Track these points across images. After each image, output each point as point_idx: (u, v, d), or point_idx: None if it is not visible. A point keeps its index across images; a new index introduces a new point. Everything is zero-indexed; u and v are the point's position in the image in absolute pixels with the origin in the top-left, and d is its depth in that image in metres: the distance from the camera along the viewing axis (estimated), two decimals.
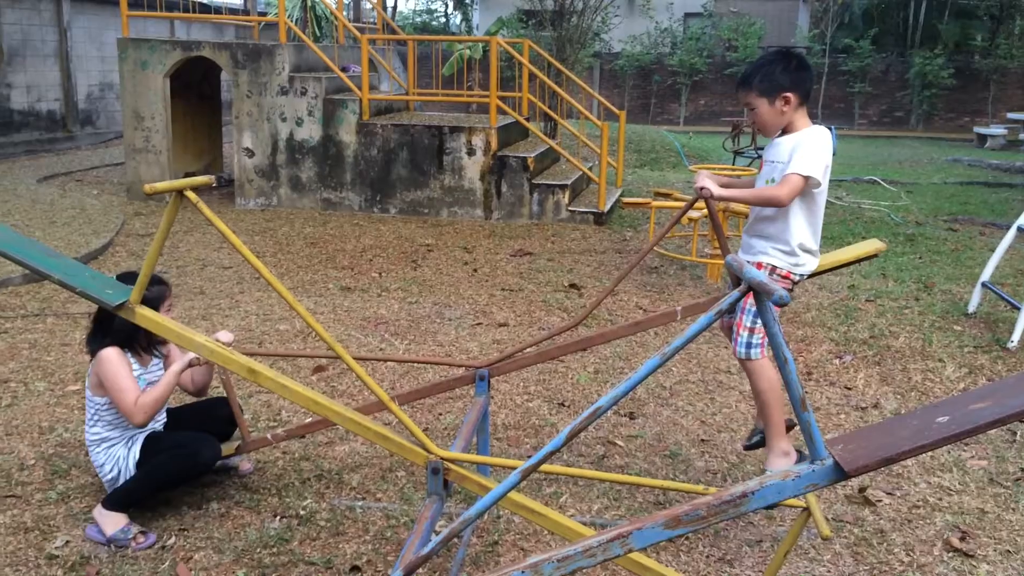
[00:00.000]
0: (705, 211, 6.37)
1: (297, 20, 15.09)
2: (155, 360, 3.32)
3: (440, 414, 4.21)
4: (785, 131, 3.06)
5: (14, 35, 12.98)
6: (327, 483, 3.50)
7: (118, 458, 3.18)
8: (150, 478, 3.12)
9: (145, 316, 2.58)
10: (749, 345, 3.01)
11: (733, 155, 11.92)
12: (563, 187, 8.88)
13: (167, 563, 2.94)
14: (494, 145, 8.94)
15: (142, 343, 3.19)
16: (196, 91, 10.88)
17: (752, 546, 3.12)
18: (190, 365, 3.13)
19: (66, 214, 8.56)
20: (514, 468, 2.75)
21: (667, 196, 7.02)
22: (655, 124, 22.93)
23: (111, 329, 3.11)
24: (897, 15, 25.66)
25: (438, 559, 2.96)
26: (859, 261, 3.34)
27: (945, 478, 3.64)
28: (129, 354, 3.18)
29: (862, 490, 3.49)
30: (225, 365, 2.60)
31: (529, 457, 3.77)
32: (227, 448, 3.35)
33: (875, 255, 3.34)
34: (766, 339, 2.99)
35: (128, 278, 3.14)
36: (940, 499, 3.47)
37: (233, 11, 18.45)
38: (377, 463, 3.68)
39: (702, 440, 3.99)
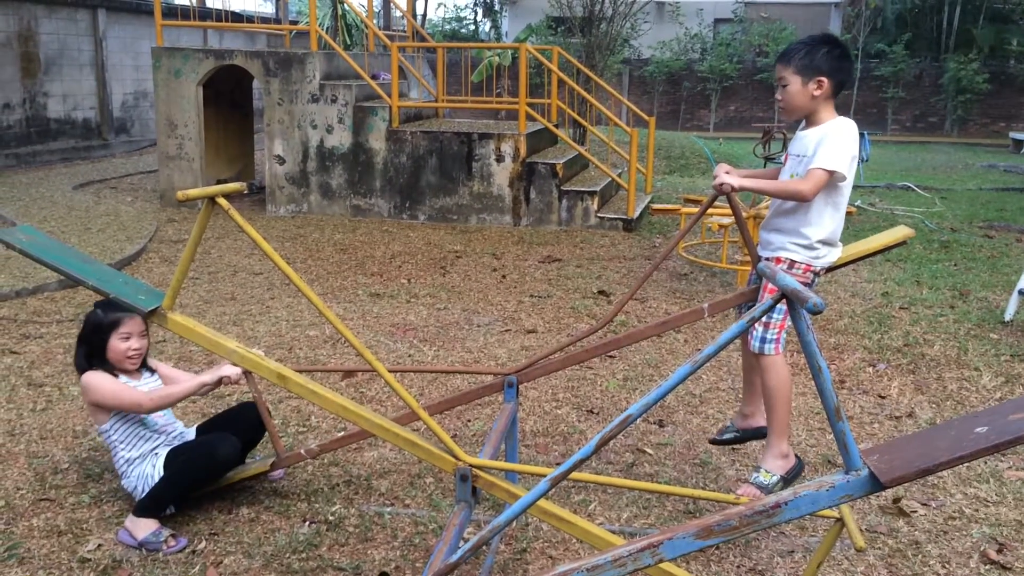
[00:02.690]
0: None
1: (328, 28, 15.21)
2: (146, 374, 3.36)
3: (468, 420, 4.21)
4: (810, 122, 3.03)
5: (51, 45, 13.20)
6: (356, 489, 3.51)
7: (146, 476, 3.22)
8: (172, 482, 3.14)
9: (178, 322, 2.60)
10: (764, 340, 2.97)
11: (764, 161, 11.83)
12: (592, 194, 8.86)
13: (197, 567, 2.95)
14: (523, 152, 8.94)
15: (104, 368, 3.20)
16: (228, 99, 11.00)
17: (784, 556, 3.08)
18: (219, 383, 3.15)
19: (101, 220, 8.68)
20: (542, 475, 2.73)
21: (697, 203, 6.97)
22: (685, 130, 22.83)
23: (78, 359, 3.22)
24: (931, 19, 25.35)
25: (466, 566, 2.95)
26: (887, 249, 3.27)
27: (982, 489, 3.57)
28: (116, 371, 3.23)
29: (896, 501, 3.43)
30: (255, 371, 2.62)
31: (557, 465, 3.75)
32: (262, 466, 3.36)
33: (903, 242, 3.26)
34: (781, 335, 2.96)
35: (104, 305, 3.18)
36: (976, 510, 3.41)
37: (265, 20, 18.63)
38: (406, 469, 3.68)
39: (733, 448, 3.95)
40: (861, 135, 11.97)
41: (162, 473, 3.19)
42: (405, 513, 3.32)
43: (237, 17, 13.86)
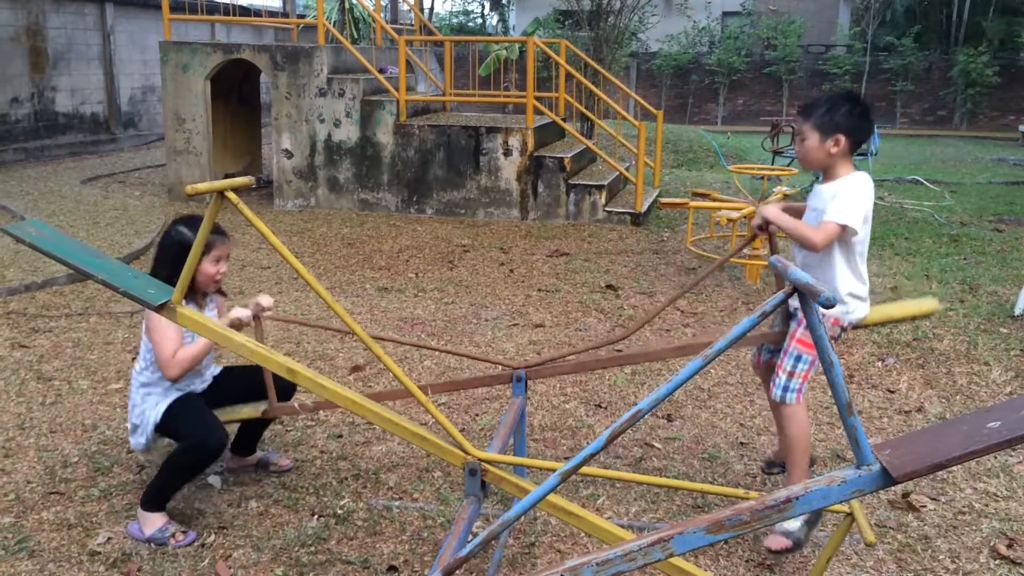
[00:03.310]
0: (745, 211, 6.30)
1: (335, 22, 15.20)
2: (211, 303, 3.29)
3: (476, 415, 4.21)
4: (827, 177, 3.06)
5: (59, 39, 13.23)
6: (364, 483, 3.51)
7: (146, 408, 3.16)
8: (168, 473, 3.11)
9: (187, 316, 2.60)
10: (787, 389, 2.97)
11: (772, 155, 11.80)
12: (600, 187, 8.84)
13: (206, 561, 2.96)
14: (531, 145, 8.93)
15: (191, 290, 3.09)
16: (236, 93, 11.01)
17: (793, 551, 3.07)
18: (231, 325, 3.11)
19: (109, 215, 8.70)
20: (551, 470, 2.73)
21: (705, 196, 6.95)
22: (692, 124, 22.77)
23: (158, 276, 3.04)
24: (940, 12, 25.22)
25: (475, 560, 2.95)
26: (912, 319, 3.28)
27: (992, 483, 3.56)
28: (185, 300, 3.05)
29: (906, 495, 3.42)
30: (263, 364, 2.62)
31: (566, 459, 3.75)
32: (252, 411, 3.30)
33: (929, 314, 3.27)
34: (804, 384, 2.97)
35: (188, 221, 3.15)
36: (987, 505, 3.40)
37: (272, 14, 18.64)
38: (414, 463, 3.68)
39: (741, 443, 3.94)
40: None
41: (158, 419, 3.13)
42: (413, 507, 3.32)
43: (244, 11, 13.88)
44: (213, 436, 3.08)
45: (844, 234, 2.91)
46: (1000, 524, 3.25)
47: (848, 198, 2.90)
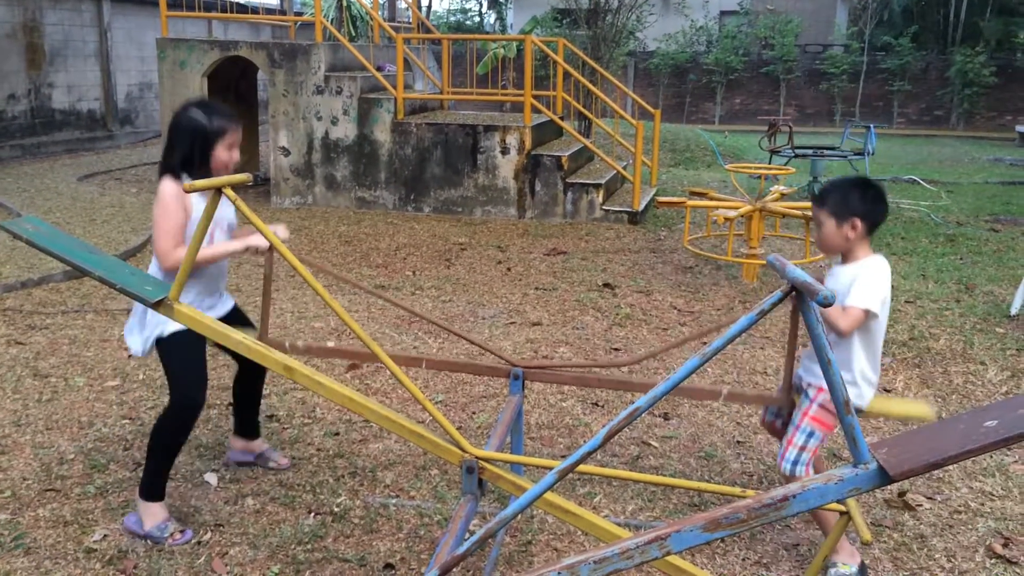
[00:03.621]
0: (742, 210, 6.31)
1: (333, 20, 15.19)
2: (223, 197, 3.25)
3: (473, 413, 4.21)
4: (845, 259, 3.08)
5: (55, 36, 13.20)
6: (361, 480, 3.51)
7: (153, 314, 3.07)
8: (156, 446, 3.08)
9: (184, 313, 2.59)
10: (796, 462, 2.97)
11: (770, 154, 11.81)
12: (597, 186, 8.84)
13: (203, 558, 2.96)
14: (528, 144, 8.92)
15: (202, 173, 3.05)
16: (233, 90, 10.99)
17: (789, 550, 3.08)
18: (246, 251, 3.09)
19: (105, 212, 8.69)
20: (549, 468, 2.73)
21: (702, 195, 6.96)
22: (690, 123, 22.78)
23: (170, 159, 3.04)
24: (937, 12, 25.24)
25: (471, 558, 2.95)
26: (904, 419, 3.28)
27: (987, 483, 3.57)
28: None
29: (902, 494, 3.43)
30: (261, 362, 2.61)
31: (563, 457, 3.75)
32: (244, 336, 3.26)
33: (922, 420, 3.29)
34: (812, 458, 2.97)
35: (201, 105, 3.13)
36: (982, 504, 3.41)
37: (270, 11, 18.62)
38: (411, 461, 3.68)
39: (738, 442, 3.95)
40: (867, 128, 11.95)
41: (163, 336, 3.06)
42: (410, 505, 3.33)
43: (242, 8, 13.85)
44: (197, 394, 3.06)
45: (866, 319, 2.94)
46: (996, 523, 3.26)
47: (870, 283, 2.92)
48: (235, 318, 3.42)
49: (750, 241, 6.62)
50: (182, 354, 3.09)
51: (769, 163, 11.26)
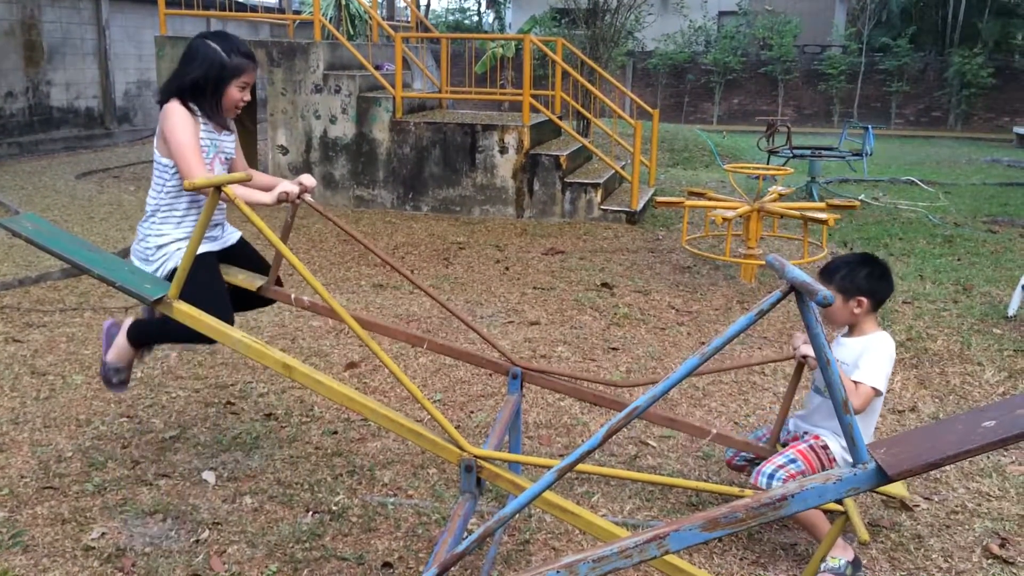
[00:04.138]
0: (740, 210, 6.31)
1: (331, 18, 15.17)
2: (227, 132, 3.19)
3: (471, 412, 4.21)
4: (851, 331, 3.15)
5: (54, 33, 13.18)
6: (359, 479, 3.51)
7: (161, 235, 3.04)
8: (166, 331, 3.04)
9: (183, 311, 2.60)
10: (772, 476, 2.99)
11: (768, 155, 11.82)
12: (595, 186, 8.85)
13: (201, 556, 2.96)
14: (527, 143, 8.93)
15: (211, 105, 3.00)
16: None
17: (787, 550, 3.09)
18: (278, 202, 3.02)
19: (103, 210, 8.68)
20: (547, 467, 2.74)
21: (700, 195, 6.96)
22: (688, 123, 22.79)
23: (179, 83, 2.96)
24: (936, 13, 25.27)
25: (469, 557, 2.95)
26: (885, 495, 3.31)
27: (984, 483, 3.57)
28: (200, 115, 3.00)
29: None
30: (260, 360, 2.61)
31: (561, 456, 3.76)
32: (249, 281, 3.25)
33: (896, 499, 3.32)
34: (786, 480, 2.99)
35: (217, 36, 3.05)
36: (979, 505, 3.41)
37: (268, 9, 18.60)
38: (409, 460, 3.68)
39: None
40: (865, 128, 11.95)
41: (171, 267, 3.00)
42: (408, 504, 3.33)
43: (240, 6, 13.84)
44: (224, 315, 2.92)
45: (875, 396, 3.01)
46: (993, 524, 3.27)
47: (879, 362, 2.99)
48: (241, 252, 3.36)
49: (748, 241, 6.62)
50: (198, 282, 2.93)
51: (767, 163, 11.28)
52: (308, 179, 3.20)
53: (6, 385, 4.34)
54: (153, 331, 3.10)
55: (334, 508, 3.28)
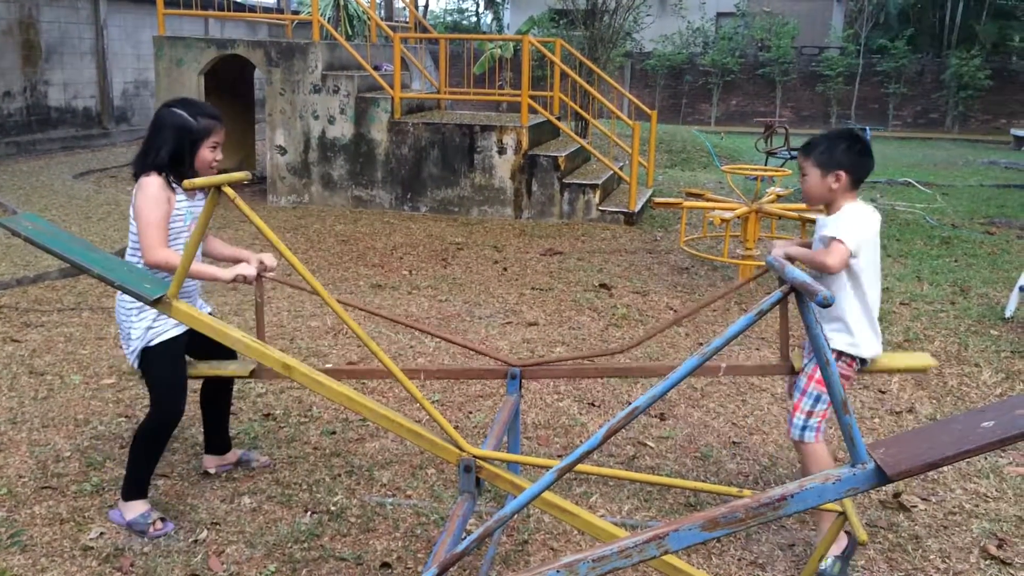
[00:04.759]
0: (738, 211, 6.32)
1: (330, 19, 15.17)
2: (200, 195, 3.22)
3: (470, 412, 4.21)
4: (830, 210, 3.10)
5: (52, 33, 13.17)
6: (357, 479, 3.51)
7: (132, 318, 3.08)
8: (137, 451, 3.09)
9: (182, 311, 2.59)
10: (805, 428, 2.98)
11: (766, 156, 11.83)
12: (594, 187, 8.85)
13: (199, 556, 2.96)
14: (525, 144, 8.93)
15: (180, 178, 3.02)
16: (230, 89, 10.98)
17: (785, 550, 3.09)
18: (235, 279, 3.07)
19: (101, 210, 8.67)
20: (546, 467, 2.74)
21: (698, 196, 6.97)
22: (686, 124, 22.81)
23: (155, 156, 3.00)
24: (933, 15, 25.31)
25: (468, 557, 2.96)
26: (908, 371, 3.30)
27: (982, 484, 3.58)
28: (176, 186, 3.05)
29: (897, 495, 3.44)
30: (259, 360, 2.61)
31: (559, 457, 3.76)
32: (241, 369, 3.25)
33: (925, 370, 3.29)
34: (823, 423, 2.98)
35: (183, 104, 3.10)
36: (977, 505, 3.42)
37: (267, 10, 18.60)
38: (407, 460, 3.69)
39: (733, 442, 3.96)
40: (863, 129, 11.96)
41: (149, 345, 3.05)
42: (407, 504, 3.33)
43: (239, 6, 13.83)
44: (176, 405, 3.08)
45: (850, 256, 2.91)
46: (990, 524, 3.27)
47: (848, 220, 2.94)
48: None
49: (746, 242, 6.63)
50: (164, 364, 3.10)
51: (765, 164, 11.28)
52: (269, 259, 3.22)
53: (4, 385, 4.33)
54: (131, 477, 3.12)
55: (332, 508, 3.28)
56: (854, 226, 2.92)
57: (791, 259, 3.07)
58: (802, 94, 24.46)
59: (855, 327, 3.00)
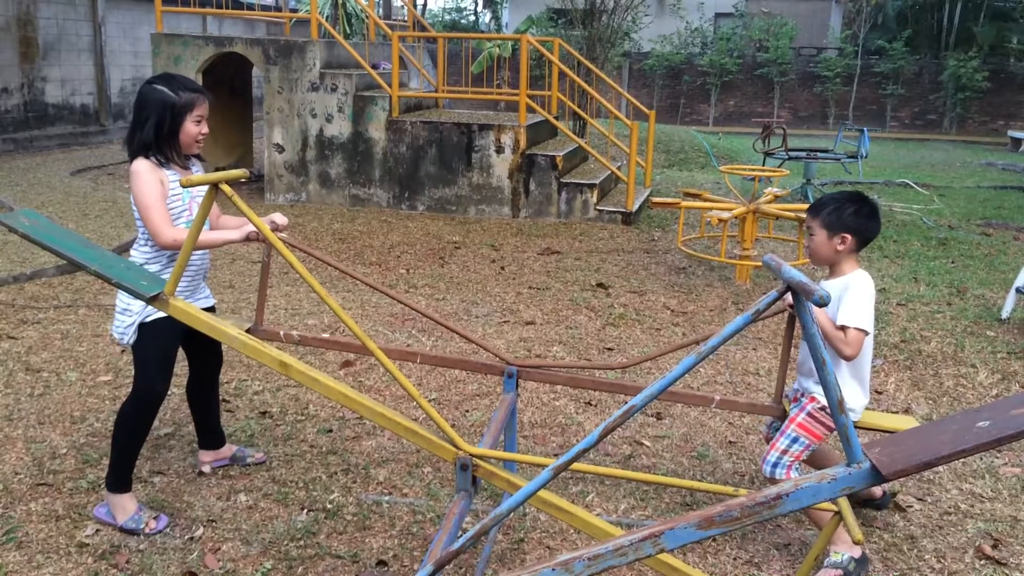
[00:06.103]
0: (735, 211, 6.33)
1: (328, 17, 15.18)
2: (193, 165, 3.22)
3: (467, 411, 4.22)
4: (832, 272, 3.12)
5: (50, 30, 13.15)
6: (354, 477, 3.52)
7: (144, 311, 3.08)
8: (121, 438, 3.08)
9: (179, 308, 2.59)
10: (776, 464, 3.01)
11: (763, 156, 11.84)
12: (591, 186, 8.86)
13: (195, 554, 2.96)
14: (523, 143, 8.93)
15: (168, 153, 3.04)
16: (228, 87, 10.97)
17: (780, 549, 3.10)
18: (246, 239, 3.09)
19: (98, 207, 8.66)
20: (542, 466, 2.74)
21: (696, 196, 6.98)
22: (684, 124, 22.81)
23: (141, 132, 3.00)
24: (931, 17, 25.32)
25: (463, 556, 2.96)
26: (889, 432, 3.32)
27: (977, 484, 3.59)
28: (166, 166, 3.04)
29: (892, 495, 3.44)
30: (255, 357, 2.61)
31: (556, 455, 3.76)
32: (238, 327, 3.27)
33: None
34: (795, 464, 2.99)
35: (165, 79, 3.09)
36: (972, 506, 3.43)
37: (265, 7, 18.58)
38: (404, 458, 3.69)
39: (730, 442, 3.96)
40: (860, 131, 11.98)
41: (145, 320, 3.06)
42: (403, 502, 3.33)
43: (237, 4, 13.81)
44: (160, 384, 3.08)
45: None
46: (985, 525, 3.28)
47: (861, 302, 2.95)
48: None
49: (743, 243, 6.64)
50: (157, 342, 3.09)
51: (763, 165, 11.30)
52: (279, 217, 3.23)
53: (0, 382, 4.33)
54: (115, 463, 3.10)
55: (329, 506, 3.28)
56: (867, 308, 2.96)
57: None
58: (800, 95, 24.47)
59: (845, 385, 3.02)
